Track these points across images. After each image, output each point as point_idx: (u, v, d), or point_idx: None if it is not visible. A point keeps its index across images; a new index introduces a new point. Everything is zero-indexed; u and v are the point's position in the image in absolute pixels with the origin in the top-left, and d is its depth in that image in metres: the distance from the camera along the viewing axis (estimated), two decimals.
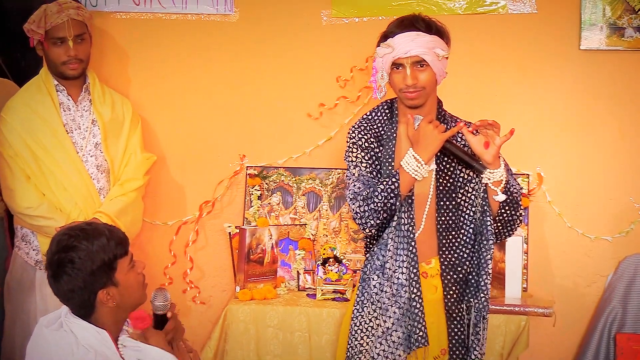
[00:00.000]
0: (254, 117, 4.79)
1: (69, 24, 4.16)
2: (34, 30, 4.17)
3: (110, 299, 2.84)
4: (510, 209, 3.38)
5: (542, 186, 4.56)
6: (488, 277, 3.39)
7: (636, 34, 4.48)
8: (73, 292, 2.81)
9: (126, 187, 4.34)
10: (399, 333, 3.36)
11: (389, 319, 3.36)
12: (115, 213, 4.21)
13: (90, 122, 4.32)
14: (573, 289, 4.59)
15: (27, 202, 4.13)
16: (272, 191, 4.70)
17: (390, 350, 3.35)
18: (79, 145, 4.27)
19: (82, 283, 2.80)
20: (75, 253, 2.80)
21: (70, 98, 4.30)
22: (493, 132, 3.29)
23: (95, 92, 4.37)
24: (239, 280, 4.37)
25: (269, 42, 4.75)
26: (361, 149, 3.48)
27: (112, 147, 4.36)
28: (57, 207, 4.18)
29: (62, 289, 2.82)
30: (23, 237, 4.26)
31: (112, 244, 2.86)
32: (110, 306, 2.85)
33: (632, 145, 4.58)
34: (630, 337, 4.34)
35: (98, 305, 2.84)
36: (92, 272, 2.80)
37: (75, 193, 4.23)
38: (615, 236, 4.56)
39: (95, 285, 2.82)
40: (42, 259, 4.17)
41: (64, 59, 4.20)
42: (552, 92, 4.61)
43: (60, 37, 4.18)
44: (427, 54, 3.33)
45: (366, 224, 3.38)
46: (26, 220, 4.18)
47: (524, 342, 4.03)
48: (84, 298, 2.82)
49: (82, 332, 2.81)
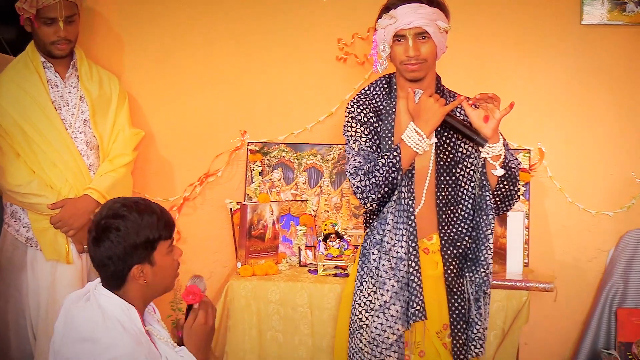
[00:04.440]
0: (255, 93, 4.78)
1: (60, 4, 4.13)
2: (26, 9, 4.13)
3: (142, 276, 2.81)
4: (509, 183, 3.38)
5: (543, 161, 4.56)
6: (489, 252, 3.39)
7: (638, 8, 4.48)
8: (110, 260, 2.77)
9: (115, 162, 4.32)
10: (397, 307, 3.34)
11: (387, 293, 3.35)
12: (105, 189, 4.20)
13: (78, 98, 4.30)
14: (574, 264, 4.61)
15: (17, 180, 4.10)
16: (274, 167, 4.70)
17: (389, 324, 3.34)
18: (67, 122, 4.24)
19: (121, 253, 2.76)
20: (124, 222, 2.77)
21: (57, 75, 4.27)
22: (493, 106, 3.28)
23: (82, 68, 4.35)
24: (240, 256, 4.34)
25: (270, 18, 4.73)
26: (360, 124, 3.47)
27: (100, 124, 4.34)
28: (47, 184, 4.15)
29: (100, 254, 2.78)
30: (12, 214, 4.24)
31: (161, 224, 2.84)
32: (141, 283, 2.82)
33: (633, 121, 4.59)
34: (632, 311, 4.36)
35: (129, 280, 2.80)
36: (134, 244, 2.77)
37: (65, 170, 4.20)
38: (616, 211, 4.56)
39: (133, 258, 2.79)
40: (32, 235, 4.18)
41: (54, 39, 4.18)
42: (553, 68, 4.61)
43: (51, 17, 4.15)
44: (429, 25, 3.32)
45: (367, 198, 3.36)
46: (17, 197, 4.15)
47: (524, 316, 4.01)
48: (119, 269, 2.78)
49: (109, 306, 2.77)
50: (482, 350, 3.42)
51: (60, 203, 4.12)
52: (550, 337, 4.63)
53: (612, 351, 4.32)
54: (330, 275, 4.22)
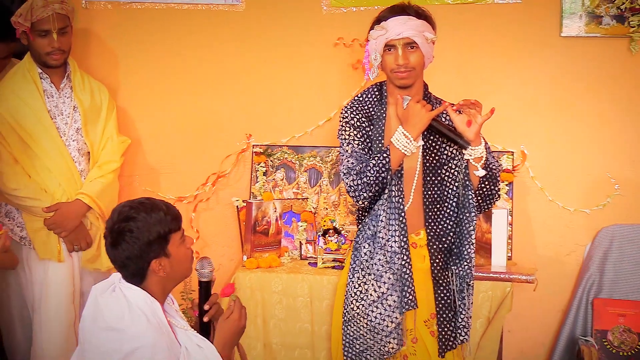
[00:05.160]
0: (260, 99, 4.81)
1: (53, 17, 4.15)
2: (21, 22, 4.15)
3: (161, 269, 2.85)
4: (490, 183, 3.46)
5: (525, 163, 4.57)
6: (471, 246, 3.47)
7: (613, 21, 4.46)
8: (129, 260, 2.83)
9: (104, 168, 4.35)
10: (394, 297, 3.42)
11: (384, 285, 3.42)
12: (95, 194, 4.25)
13: (71, 108, 4.32)
14: (554, 258, 4.62)
15: (14, 184, 4.13)
16: (277, 168, 4.71)
17: (387, 313, 3.41)
18: (62, 130, 4.27)
19: (138, 251, 2.82)
20: (135, 223, 2.82)
21: (53, 85, 4.29)
22: (475, 112, 3.36)
23: (75, 79, 4.36)
24: (246, 250, 4.39)
25: (273, 30, 4.76)
26: (353, 128, 3.52)
27: (91, 132, 4.36)
28: (42, 188, 4.19)
29: (119, 256, 2.85)
30: (7, 213, 4.27)
31: (168, 219, 2.88)
32: (161, 275, 2.86)
33: (609, 125, 4.57)
34: (607, 301, 4.38)
35: (149, 274, 2.86)
36: (148, 242, 2.82)
37: (59, 175, 4.24)
38: (593, 209, 4.57)
39: (150, 254, 2.84)
40: (26, 235, 4.22)
41: (48, 50, 4.19)
42: (536, 76, 4.61)
43: (45, 29, 4.16)
44: (417, 36, 3.40)
45: (359, 196, 3.44)
46: (13, 200, 4.18)
47: (508, 306, 4.05)
48: (139, 266, 2.84)
49: (134, 298, 2.81)
50: (467, 337, 3.50)
51: (54, 207, 4.16)
52: (531, 325, 4.62)
53: (589, 338, 4.32)
54: (328, 267, 4.26)
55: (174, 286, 2.97)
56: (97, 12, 4.81)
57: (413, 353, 3.53)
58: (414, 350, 3.53)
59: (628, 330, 4.33)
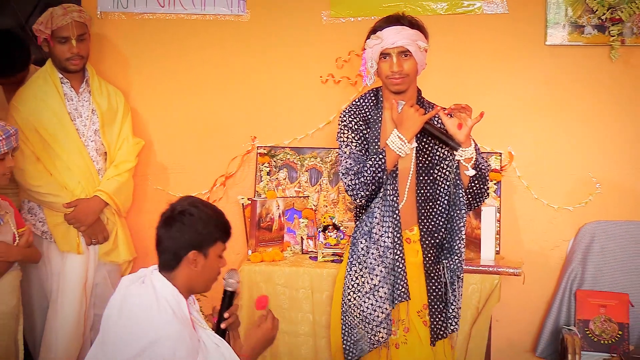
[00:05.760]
0: (263, 104, 4.85)
1: (72, 25, 4.23)
2: (42, 30, 4.24)
3: (194, 263, 2.90)
4: (479, 182, 3.53)
5: (512, 163, 4.61)
6: (461, 241, 3.54)
7: (594, 31, 4.52)
8: (173, 241, 2.90)
9: (120, 168, 4.44)
10: (385, 289, 3.49)
11: (376, 277, 3.49)
12: (112, 191, 4.35)
13: (90, 111, 4.39)
14: (539, 252, 4.67)
15: (36, 181, 4.22)
16: (279, 168, 4.74)
17: (378, 305, 3.48)
18: (81, 131, 4.34)
19: (186, 236, 2.89)
20: (197, 211, 2.92)
21: (72, 89, 4.36)
22: (465, 115, 3.44)
23: (93, 84, 4.43)
24: (250, 244, 4.41)
25: (276, 39, 4.81)
26: (351, 131, 3.59)
27: (108, 134, 4.44)
28: (62, 185, 4.27)
29: (167, 235, 2.91)
30: (29, 209, 4.35)
31: (224, 228, 2.99)
32: (191, 269, 2.91)
33: (590, 127, 4.61)
34: (589, 293, 4.44)
35: (182, 264, 2.90)
36: (199, 232, 2.90)
37: (78, 173, 4.32)
38: (575, 206, 4.62)
39: (194, 244, 2.90)
40: (47, 229, 4.30)
41: (68, 56, 4.27)
42: (522, 82, 4.65)
43: (65, 36, 4.24)
44: (410, 45, 3.48)
45: (357, 195, 3.51)
46: (35, 196, 4.27)
47: (496, 297, 4.09)
48: (178, 251, 2.89)
49: (162, 289, 2.85)
50: (456, 327, 3.57)
51: (74, 203, 4.26)
52: (518, 315, 4.65)
53: (572, 327, 4.37)
54: (328, 261, 4.30)
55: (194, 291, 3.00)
56: (111, 21, 4.88)
57: (404, 342, 3.58)
58: (406, 339, 3.58)
59: (609, 319, 4.38)
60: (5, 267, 3.78)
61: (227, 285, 3.14)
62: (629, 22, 4.51)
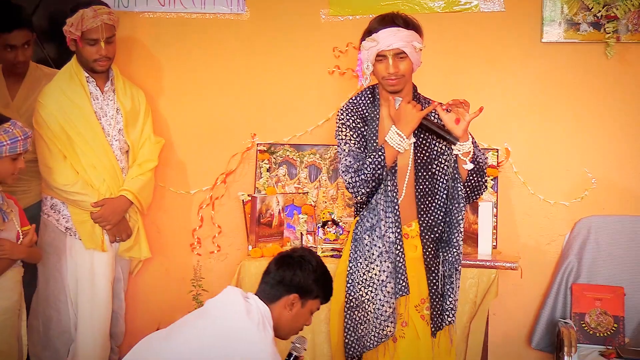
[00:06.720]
0: (263, 101, 4.86)
1: (102, 27, 4.23)
2: (72, 31, 4.23)
3: (292, 305, 3.06)
4: (477, 176, 3.54)
5: (509, 159, 4.62)
6: (460, 234, 3.55)
7: (590, 28, 4.53)
8: (284, 280, 3.08)
9: (144, 167, 4.48)
10: (392, 284, 3.51)
11: (383, 273, 3.50)
12: (137, 190, 4.40)
13: (115, 110, 4.42)
14: (536, 247, 4.68)
15: (64, 180, 4.25)
16: (279, 164, 4.75)
17: (386, 299, 3.50)
18: (106, 130, 4.37)
19: (298, 280, 3.07)
20: (315, 263, 3.13)
21: (98, 88, 4.38)
22: (463, 110, 3.45)
23: (118, 84, 4.45)
24: (251, 240, 4.43)
25: (275, 37, 4.83)
26: (349, 129, 3.58)
27: (131, 133, 4.47)
28: (89, 183, 4.31)
29: (285, 274, 3.09)
30: (52, 206, 4.36)
31: (327, 290, 3.18)
32: (286, 310, 3.06)
33: (586, 124, 4.63)
34: (584, 286, 4.45)
35: (280, 302, 3.06)
36: (306, 282, 3.08)
37: (103, 171, 4.35)
38: (571, 201, 4.62)
39: (299, 289, 3.07)
40: (71, 225, 4.33)
41: (96, 57, 4.28)
42: (518, 79, 4.66)
43: (94, 38, 4.24)
44: (406, 46, 3.47)
45: (358, 192, 3.51)
46: (62, 195, 4.29)
47: (493, 291, 4.11)
48: (284, 290, 3.06)
49: (263, 311, 3.00)
50: (453, 319, 3.58)
51: (101, 202, 4.29)
52: (515, 309, 4.66)
53: (568, 320, 4.38)
54: (327, 256, 4.24)
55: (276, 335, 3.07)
56: None
57: (402, 336, 3.58)
58: (403, 333, 3.58)
59: (604, 313, 4.38)
60: (8, 264, 3.80)
61: (293, 348, 3.24)
62: (624, 19, 4.52)
